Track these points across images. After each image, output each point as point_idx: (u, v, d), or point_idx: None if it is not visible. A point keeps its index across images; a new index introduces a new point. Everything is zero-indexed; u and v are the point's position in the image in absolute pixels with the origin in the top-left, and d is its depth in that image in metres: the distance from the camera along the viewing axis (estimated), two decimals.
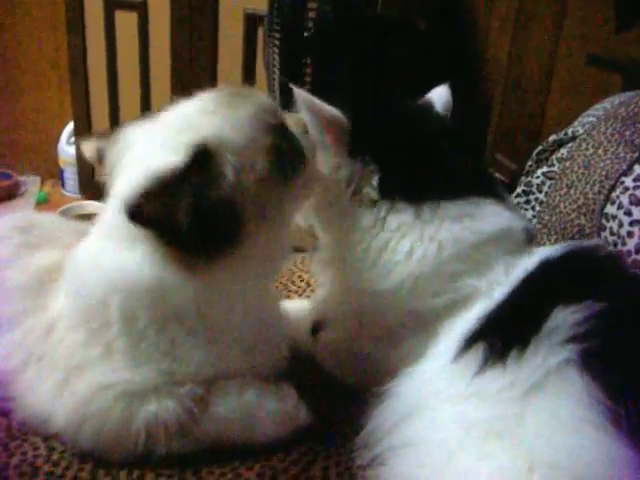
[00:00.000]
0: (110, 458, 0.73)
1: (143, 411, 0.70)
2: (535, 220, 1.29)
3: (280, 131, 0.75)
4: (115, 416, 0.70)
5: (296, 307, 0.97)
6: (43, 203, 2.64)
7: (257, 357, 0.78)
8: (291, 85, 0.82)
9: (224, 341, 0.74)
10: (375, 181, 0.80)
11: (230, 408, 0.74)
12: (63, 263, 0.80)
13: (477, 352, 0.68)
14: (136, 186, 0.65)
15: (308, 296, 1.05)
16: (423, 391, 0.70)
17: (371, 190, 0.80)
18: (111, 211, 0.73)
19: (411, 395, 0.70)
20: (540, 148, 1.33)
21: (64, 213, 2.34)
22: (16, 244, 0.86)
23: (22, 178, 2.73)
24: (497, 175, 1.63)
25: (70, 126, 2.59)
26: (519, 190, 1.35)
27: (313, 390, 0.82)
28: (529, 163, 1.36)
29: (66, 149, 2.61)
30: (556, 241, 1.17)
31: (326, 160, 0.83)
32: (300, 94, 0.81)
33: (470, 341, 0.70)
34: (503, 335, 0.68)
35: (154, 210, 0.65)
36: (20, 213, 0.97)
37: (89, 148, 0.80)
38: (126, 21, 2.33)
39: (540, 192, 1.31)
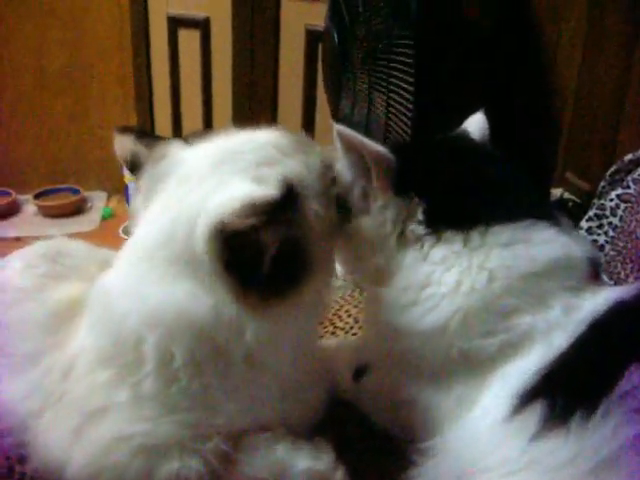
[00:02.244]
0: None
1: (163, 468, 0.65)
2: (609, 247, 1.19)
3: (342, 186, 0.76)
4: (133, 472, 0.65)
5: (340, 347, 0.91)
6: (108, 218, 2.68)
7: (293, 407, 0.72)
8: (333, 121, 0.77)
9: (262, 389, 0.69)
10: (420, 215, 0.74)
11: (258, 467, 0.68)
12: (87, 297, 0.76)
13: (535, 411, 0.60)
14: (230, 206, 0.62)
15: (355, 334, 0.99)
16: (472, 453, 0.62)
17: (416, 226, 0.74)
18: (155, 236, 0.68)
19: (458, 457, 0.63)
20: (614, 168, 1.24)
21: (127, 229, 2.37)
22: (41, 274, 0.82)
23: (89, 194, 2.79)
24: (567, 194, 1.53)
25: None
26: (591, 213, 1.25)
27: (353, 445, 0.75)
28: (602, 184, 1.27)
29: None
30: (632, 270, 1.07)
31: (370, 202, 0.77)
32: (342, 131, 0.74)
33: (527, 397, 0.62)
34: (566, 393, 0.60)
35: (243, 237, 0.62)
36: (52, 240, 0.92)
37: (123, 145, 0.76)
38: (189, 39, 2.36)
39: (614, 216, 1.21)
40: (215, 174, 0.68)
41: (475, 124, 0.86)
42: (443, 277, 0.71)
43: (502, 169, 0.80)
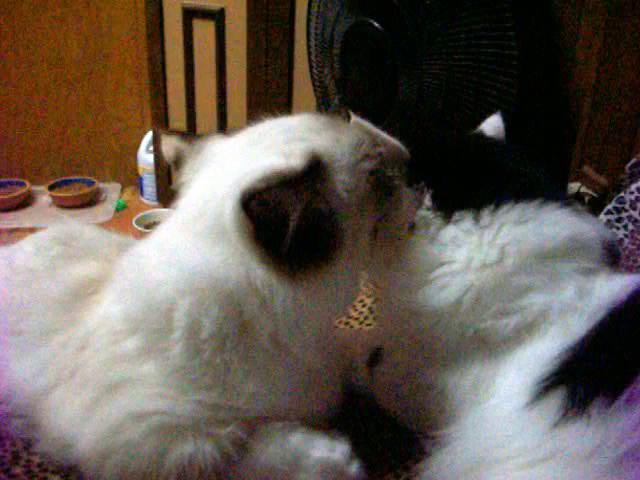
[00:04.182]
0: None
1: (177, 450, 0.64)
2: (628, 240, 1.17)
3: (378, 160, 0.74)
4: (146, 452, 0.64)
5: (354, 337, 0.90)
6: (122, 210, 2.69)
7: (311, 397, 0.71)
8: (350, 112, 0.76)
9: (282, 374, 0.69)
10: (428, 201, 0.73)
11: (272, 456, 0.67)
12: (102, 275, 0.76)
13: (555, 399, 0.59)
14: (255, 176, 0.62)
15: (369, 324, 0.98)
16: (489, 441, 0.61)
17: (425, 211, 0.73)
18: (190, 211, 0.71)
19: (475, 445, 0.62)
20: (634, 161, 1.22)
21: (140, 220, 2.37)
22: (54, 256, 0.83)
23: (103, 185, 2.79)
24: (584, 189, 1.51)
25: (149, 135, 2.63)
26: (610, 207, 1.24)
27: (367, 436, 0.74)
28: (622, 177, 1.24)
29: (145, 157, 2.64)
30: None
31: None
32: (359, 122, 0.74)
33: (547, 384, 0.61)
34: (587, 381, 0.58)
35: (269, 205, 0.63)
36: (62, 224, 0.93)
37: (169, 145, 0.80)
38: (204, 30, 2.35)
39: (634, 209, 1.20)
40: (244, 154, 0.70)
41: (490, 124, 0.88)
42: (454, 255, 0.70)
43: (512, 156, 0.80)
